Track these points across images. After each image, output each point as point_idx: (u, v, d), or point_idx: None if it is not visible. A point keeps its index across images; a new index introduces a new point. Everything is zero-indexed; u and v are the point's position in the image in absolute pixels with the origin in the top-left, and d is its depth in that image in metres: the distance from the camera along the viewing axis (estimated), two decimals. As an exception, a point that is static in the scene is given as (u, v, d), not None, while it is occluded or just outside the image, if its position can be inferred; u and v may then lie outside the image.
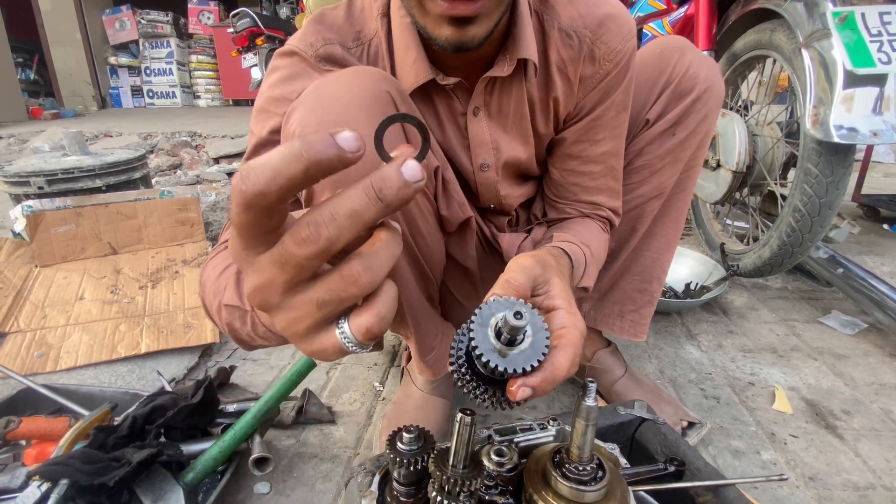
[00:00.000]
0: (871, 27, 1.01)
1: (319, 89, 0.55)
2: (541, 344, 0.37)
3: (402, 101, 0.60)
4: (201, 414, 0.77)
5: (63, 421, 0.77)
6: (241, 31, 4.40)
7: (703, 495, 0.58)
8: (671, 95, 0.76)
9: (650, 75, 0.77)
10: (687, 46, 0.77)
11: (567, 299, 0.44)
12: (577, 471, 0.45)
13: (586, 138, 0.72)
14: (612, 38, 0.66)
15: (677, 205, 0.85)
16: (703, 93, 0.75)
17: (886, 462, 0.84)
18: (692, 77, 0.75)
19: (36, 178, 1.48)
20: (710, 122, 0.78)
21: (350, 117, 0.53)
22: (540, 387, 0.36)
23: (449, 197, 0.69)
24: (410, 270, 0.69)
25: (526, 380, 0.36)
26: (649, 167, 0.80)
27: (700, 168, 0.84)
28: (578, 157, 0.73)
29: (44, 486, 0.62)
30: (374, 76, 0.57)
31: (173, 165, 3.18)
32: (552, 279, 0.45)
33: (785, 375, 1.08)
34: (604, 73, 0.67)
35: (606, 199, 0.76)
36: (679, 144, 0.78)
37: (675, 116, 0.77)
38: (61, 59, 6.71)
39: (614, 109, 0.70)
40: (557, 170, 0.76)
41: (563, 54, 0.66)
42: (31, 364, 1.05)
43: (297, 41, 0.64)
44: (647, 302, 0.90)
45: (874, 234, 1.96)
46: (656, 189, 0.81)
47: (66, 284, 1.33)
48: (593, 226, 0.75)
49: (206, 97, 7.09)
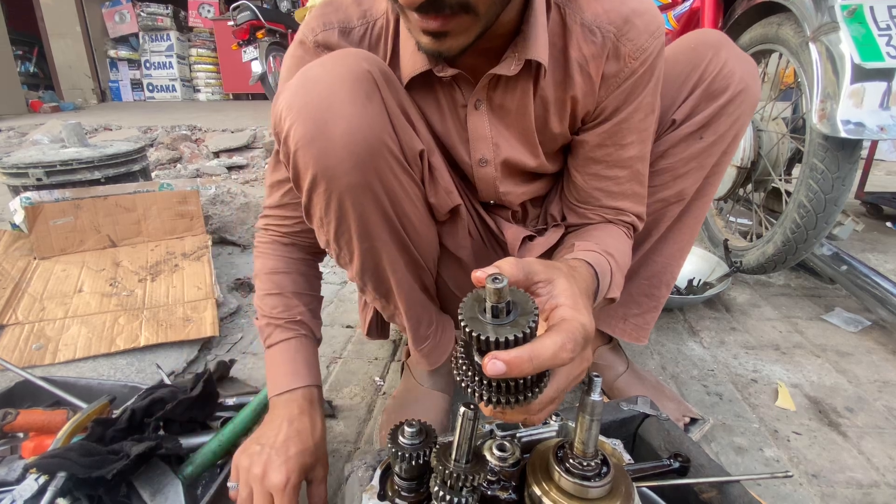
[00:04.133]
0: (880, 20, 1.00)
1: (304, 73, 0.57)
2: (527, 319, 0.36)
3: (385, 81, 0.59)
4: (200, 407, 0.76)
5: (61, 413, 0.77)
6: (241, 24, 4.38)
7: (708, 492, 0.57)
8: (702, 95, 0.71)
9: (681, 72, 0.71)
10: (724, 42, 0.71)
11: (573, 298, 0.42)
12: (581, 466, 0.44)
13: (612, 142, 0.68)
14: (639, 35, 0.62)
15: (695, 211, 0.80)
16: (736, 94, 0.70)
17: (890, 459, 0.83)
18: (727, 77, 0.69)
19: (34, 169, 1.47)
20: (741, 126, 0.73)
21: (332, 95, 0.55)
22: (514, 362, 0.34)
23: (435, 183, 0.68)
24: (400, 256, 0.68)
25: (498, 353, 0.35)
26: (672, 171, 0.75)
27: (723, 175, 0.79)
28: (603, 161, 0.69)
29: (41, 478, 0.61)
30: (356, 56, 0.58)
31: (173, 159, 3.17)
32: (557, 279, 0.44)
33: (788, 372, 1.07)
34: (629, 72, 0.63)
35: (631, 204, 0.72)
36: (706, 149, 0.73)
37: (704, 118, 0.71)
38: (61, 52, 6.67)
39: (642, 112, 0.66)
40: (580, 174, 0.72)
41: (585, 51, 0.63)
42: (29, 356, 1.05)
43: (303, 27, 0.66)
44: (653, 307, 0.87)
45: (877, 231, 1.95)
46: (678, 195, 0.77)
47: (65, 277, 1.32)
48: (616, 232, 0.71)
49: (206, 91, 7.06)
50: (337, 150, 0.55)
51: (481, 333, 0.35)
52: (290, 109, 0.56)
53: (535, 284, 0.43)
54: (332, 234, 0.64)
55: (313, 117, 0.55)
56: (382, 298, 0.74)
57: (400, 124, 0.61)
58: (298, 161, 0.57)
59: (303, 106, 0.55)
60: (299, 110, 0.55)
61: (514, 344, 0.35)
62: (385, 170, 0.59)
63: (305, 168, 0.57)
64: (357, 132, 0.55)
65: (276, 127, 0.59)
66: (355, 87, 0.55)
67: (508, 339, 0.35)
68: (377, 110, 0.57)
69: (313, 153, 0.55)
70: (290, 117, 0.56)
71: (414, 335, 0.79)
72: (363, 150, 0.56)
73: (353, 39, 0.65)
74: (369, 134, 0.56)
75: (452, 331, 0.86)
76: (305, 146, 0.55)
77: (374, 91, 0.57)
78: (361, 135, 0.56)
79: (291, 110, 0.55)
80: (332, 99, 0.55)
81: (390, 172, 0.60)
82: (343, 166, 0.56)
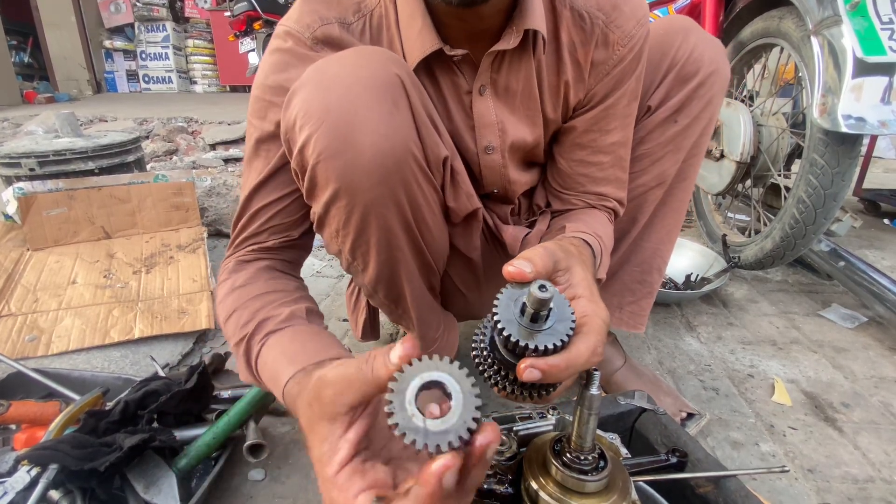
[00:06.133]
0: (883, 14, 0.99)
1: (322, 70, 0.52)
2: (565, 326, 0.35)
3: (412, 85, 0.56)
4: (195, 400, 0.76)
5: (54, 405, 0.76)
6: (238, 15, 4.33)
7: (704, 486, 0.57)
8: (674, 80, 0.73)
9: (653, 58, 0.73)
10: (691, 27, 0.74)
11: (589, 288, 0.42)
12: (578, 460, 0.44)
13: (597, 128, 0.69)
14: (627, 22, 0.62)
15: (679, 194, 0.82)
16: (707, 77, 0.72)
17: (886, 455, 0.83)
18: (696, 60, 0.71)
19: (27, 159, 1.45)
20: (714, 108, 0.76)
21: (356, 100, 0.50)
22: (551, 371, 0.34)
23: (457, 188, 0.66)
24: (414, 262, 0.67)
25: (536, 361, 0.34)
26: (650, 156, 0.77)
27: (702, 156, 0.81)
28: (588, 147, 0.70)
29: (33, 470, 0.61)
30: (381, 57, 0.53)
31: (169, 151, 3.14)
32: (574, 267, 0.43)
33: (784, 368, 1.07)
34: (617, 59, 0.64)
35: (613, 189, 0.73)
36: (681, 132, 0.75)
37: (677, 102, 0.73)
38: (56, 42, 6.59)
39: (626, 98, 0.67)
40: (565, 160, 0.73)
41: (574, 36, 0.63)
42: (22, 348, 1.04)
43: (293, 21, 0.59)
44: (647, 293, 0.88)
45: (875, 228, 1.95)
46: (657, 178, 0.79)
47: (59, 268, 1.31)
48: (601, 216, 0.72)
49: (202, 83, 6.99)
50: (363, 163, 0.51)
51: (520, 339, 0.34)
52: (309, 116, 0.50)
53: (556, 273, 0.43)
54: (348, 247, 0.61)
55: (336, 127, 0.49)
56: (392, 303, 0.72)
57: (426, 131, 0.58)
58: (318, 174, 0.52)
59: (323, 112, 0.49)
60: (320, 117, 0.50)
61: (552, 352, 0.35)
62: (410, 181, 0.56)
63: (326, 182, 0.53)
64: (385, 144, 0.51)
65: (287, 132, 0.53)
66: (381, 93, 0.51)
67: (548, 347, 0.34)
68: (404, 119, 0.53)
69: (337, 167, 0.51)
70: (309, 125, 0.50)
71: (422, 339, 0.78)
72: (391, 163, 0.52)
73: (353, 35, 0.61)
74: (397, 145, 0.52)
75: (457, 329, 0.86)
76: (328, 160, 0.51)
77: (402, 97, 0.53)
78: (389, 147, 0.52)
79: (310, 117, 0.50)
80: (356, 105, 0.50)
81: (414, 182, 0.57)
82: (369, 181, 0.52)
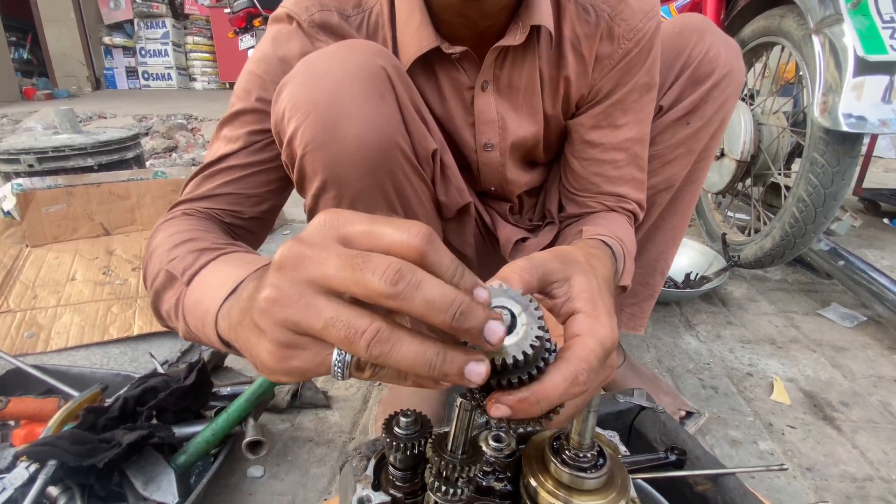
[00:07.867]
0: (884, 13, 0.99)
1: (310, 63, 0.52)
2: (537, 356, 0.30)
3: (399, 78, 0.56)
4: (194, 396, 0.76)
5: (53, 402, 0.76)
6: (238, 11, 4.31)
7: (703, 484, 0.57)
8: (688, 80, 0.71)
9: (666, 57, 0.71)
10: (707, 26, 0.71)
11: (590, 301, 0.36)
12: (577, 457, 0.44)
13: (607, 123, 0.67)
14: (633, 15, 0.61)
15: (686, 197, 0.81)
16: (721, 79, 0.70)
17: (884, 454, 0.83)
18: (712, 60, 0.69)
19: (26, 155, 1.45)
20: (728, 110, 0.74)
21: (343, 93, 0.51)
22: (518, 407, 0.29)
23: (447, 181, 0.66)
24: None
25: (501, 396, 0.30)
26: (660, 157, 0.75)
27: (712, 159, 0.80)
28: (599, 144, 0.68)
29: (31, 466, 0.61)
30: (368, 50, 0.54)
31: (168, 148, 3.14)
32: (574, 277, 0.38)
33: (783, 367, 1.07)
34: (623, 53, 0.63)
35: (631, 190, 0.70)
36: (693, 134, 0.73)
37: (690, 104, 0.71)
38: (55, 39, 6.58)
39: (636, 92, 0.65)
40: (577, 160, 0.70)
41: (578, 30, 0.62)
42: (20, 344, 1.04)
43: (291, 4, 0.60)
44: (649, 296, 0.87)
45: (874, 227, 1.95)
46: (667, 181, 0.77)
47: (58, 265, 1.31)
48: (620, 219, 0.68)
49: (202, 80, 6.99)
50: (349, 155, 0.52)
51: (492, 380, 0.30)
52: (296, 108, 0.51)
53: (551, 286, 0.38)
54: None
55: (323, 118, 0.51)
56: None
57: (414, 124, 0.58)
58: (306, 166, 0.54)
59: (310, 104, 0.50)
60: (307, 110, 0.51)
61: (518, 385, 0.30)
62: (398, 173, 0.57)
63: (314, 174, 0.54)
64: (370, 135, 0.52)
65: (277, 125, 0.54)
66: (368, 84, 0.52)
67: (512, 381, 0.30)
68: (391, 111, 0.54)
69: (323, 159, 0.52)
70: (296, 117, 0.51)
71: None
72: (377, 155, 0.53)
73: (351, 27, 0.61)
74: (383, 137, 0.53)
75: None
76: (314, 151, 0.52)
77: (388, 89, 0.54)
78: (375, 138, 0.52)
79: (297, 109, 0.51)
80: (343, 98, 0.51)
81: (402, 175, 0.57)
82: (355, 172, 0.53)
